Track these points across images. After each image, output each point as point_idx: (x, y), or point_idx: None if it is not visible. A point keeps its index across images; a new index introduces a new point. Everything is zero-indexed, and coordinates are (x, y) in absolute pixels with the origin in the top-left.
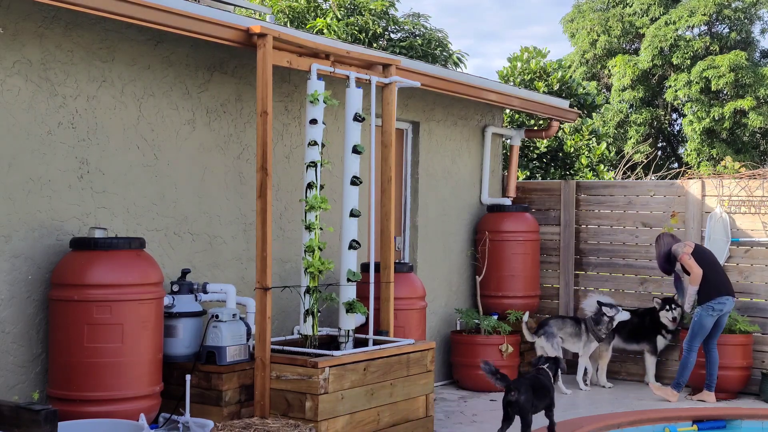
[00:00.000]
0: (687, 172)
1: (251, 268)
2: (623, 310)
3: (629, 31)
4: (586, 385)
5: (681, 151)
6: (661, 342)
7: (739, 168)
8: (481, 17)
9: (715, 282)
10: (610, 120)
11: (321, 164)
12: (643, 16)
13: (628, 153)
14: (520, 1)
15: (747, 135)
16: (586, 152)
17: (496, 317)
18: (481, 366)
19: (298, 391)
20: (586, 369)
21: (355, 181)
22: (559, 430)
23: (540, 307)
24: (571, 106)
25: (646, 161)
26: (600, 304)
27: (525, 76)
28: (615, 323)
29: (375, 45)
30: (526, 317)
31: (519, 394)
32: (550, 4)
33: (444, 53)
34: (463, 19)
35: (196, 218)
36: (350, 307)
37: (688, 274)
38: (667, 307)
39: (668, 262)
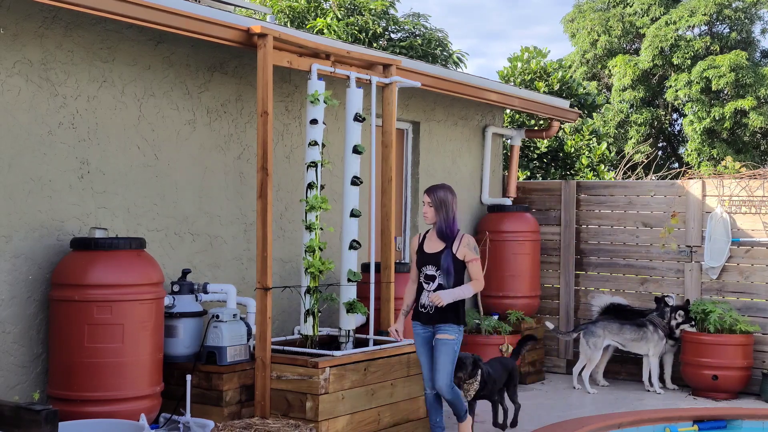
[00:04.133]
0: (687, 172)
1: (252, 268)
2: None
3: (629, 31)
4: (664, 387)
5: (681, 151)
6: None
7: (740, 168)
8: (485, 17)
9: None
10: (611, 120)
11: (321, 164)
12: (643, 16)
13: (628, 153)
14: (524, 0)
15: (747, 135)
16: (587, 152)
17: (496, 317)
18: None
19: (299, 391)
20: (654, 369)
21: (356, 181)
22: (561, 429)
23: (540, 307)
24: (571, 106)
25: (646, 161)
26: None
27: (525, 77)
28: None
29: (375, 45)
30: (550, 326)
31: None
32: (554, 3)
33: (444, 53)
34: (468, 18)
35: (197, 218)
36: (351, 307)
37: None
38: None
39: (449, 235)
